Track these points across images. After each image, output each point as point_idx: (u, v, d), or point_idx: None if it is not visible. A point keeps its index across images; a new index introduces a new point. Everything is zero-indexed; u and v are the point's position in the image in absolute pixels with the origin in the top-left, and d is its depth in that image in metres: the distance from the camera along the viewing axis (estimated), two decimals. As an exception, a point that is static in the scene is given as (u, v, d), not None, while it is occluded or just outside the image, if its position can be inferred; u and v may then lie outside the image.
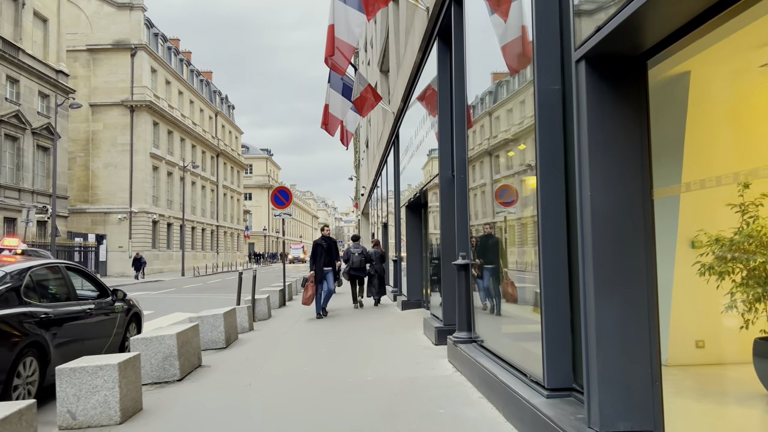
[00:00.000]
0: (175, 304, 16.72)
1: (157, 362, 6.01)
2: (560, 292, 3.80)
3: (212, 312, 8.34)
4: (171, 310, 14.46)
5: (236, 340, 8.81)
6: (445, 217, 7.50)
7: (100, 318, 6.82)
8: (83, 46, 40.02)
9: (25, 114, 29.84)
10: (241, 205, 68.95)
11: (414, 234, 12.13)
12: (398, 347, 7.63)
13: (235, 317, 9.02)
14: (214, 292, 20.98)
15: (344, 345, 8.03)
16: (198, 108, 53.48)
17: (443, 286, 7.54)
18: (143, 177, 40.36)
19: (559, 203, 3.83)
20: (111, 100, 39.97)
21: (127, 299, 7.74)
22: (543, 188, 3.86)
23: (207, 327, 8.14)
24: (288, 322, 11.06)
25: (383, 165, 18.57)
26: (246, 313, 10.03)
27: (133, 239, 39.96)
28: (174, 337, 6.07)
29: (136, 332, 8.00)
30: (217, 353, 7.75)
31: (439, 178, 7.63)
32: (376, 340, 8.28)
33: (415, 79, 9.99)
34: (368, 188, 29.95)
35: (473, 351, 5.63)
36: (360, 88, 12.78)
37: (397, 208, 13.88)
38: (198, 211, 51.74)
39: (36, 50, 31.42)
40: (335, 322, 10.72)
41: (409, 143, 11.25)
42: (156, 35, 44.65)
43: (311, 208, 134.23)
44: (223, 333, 8.18)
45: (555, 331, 3.78)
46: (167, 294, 21.29)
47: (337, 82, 13.79)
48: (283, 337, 9.04)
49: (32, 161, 30.79)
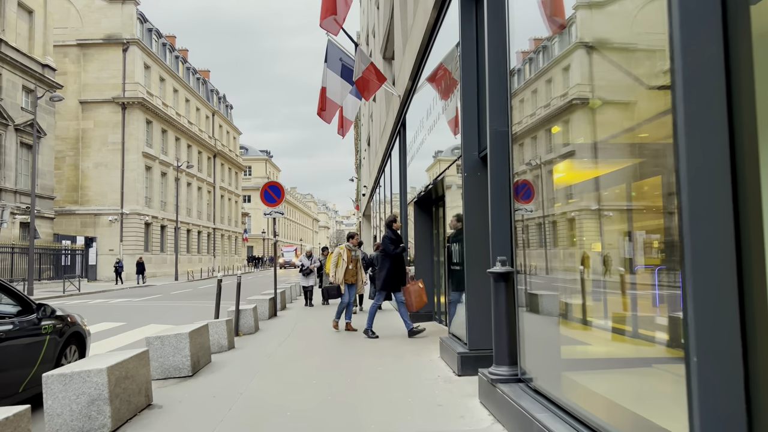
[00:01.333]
0: (155, 313, 15.04)
1: (79, 409, 4.33)
2: (725, 310, 2.13)
3: (175, 331, 6.65)
4: (147, 321, 12.78)
5: (208, 365, 7.13)
6: (473, 210, 5.83)
7: (17, 342, 5.15)
8: (73, 41, 38.49)
9: (8, 109, 28.23)
10: (239, 207, 67.28)
11: (424, 234, 10.45)
12: (410, 378, 5.93)
13: (207, 335, 7.33)
14: (203, 299, 19.29)
15: (341, 374, 6.33)
16: (194, 107, 51.89)
17: (469, 298, 5.86)
18: (135, 177, 38.72)
19: (723, 172, 2.16)
20: (102, 97, 38.39)
21: (63, 315, 6.06)
22: (690, 154, 2.19)
23: (168, 350, 6.46)
24: (276, 337, 9.38)
25: (387, 159, 16.89)
26: (225, 328, 8.36)
27: (125, 242, 38.31)
28: (104, 373, 4.39)
29: (77, 357, 6.33)
30: (178, 384, 6.06)
31: (462, 161, 5.96)
32: (382, 367, 6.59)
33: (427, 49, 8.33)
34: (370, 187, 28.28)
35: (522, 397, 3.95)
36: (362, 66, 11.13)
37: (403, 206, 12.20)
38: (194, 213, 50.08)
39: (20, 43, 29.84)
40: (331, 338, 9.03)
41: (418, 128, 9.58)
42: (150, 30, 43.09)
43: (312, 211, 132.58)
44: (188, 357, 6.49)
45: (713, 376, 2.10)
46: (150, 301, 19.60)
47: (336, 63, 12.16)
48: (267, 360, 7.34)
49: (15, 159, 29.15)
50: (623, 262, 2.89)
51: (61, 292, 24.10)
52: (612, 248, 3.04)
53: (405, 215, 12.14)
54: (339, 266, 9.81)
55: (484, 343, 5.80)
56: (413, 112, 10.53)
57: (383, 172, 18.82)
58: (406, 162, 11.96)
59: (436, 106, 7.79)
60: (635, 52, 2.76)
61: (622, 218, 2.99)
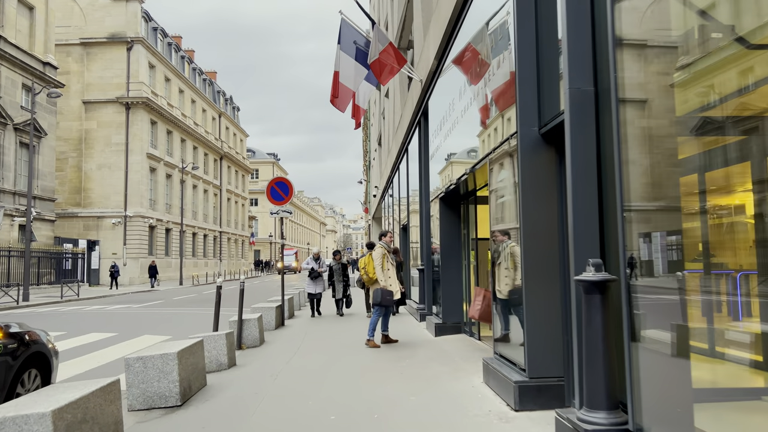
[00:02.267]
0: (152, 322, 13.88)
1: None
2: None
3: (162, 349, 5.45)
4: (142, 331, 11.59)
5: (202, 390, 5.92)
6: (532, 201, 4.60)
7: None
8: (76, 40, 37.58)
9: (6, 108, 27.26)
10: (246, 210, 66.24)
11: (451, 234, 9.21)
12: (455, 414, 4.69)
13: (201, 354, 6.13)
14: (207, 306, 18.10)
15: (366, 407, 5.10)
16: (200, 108, 50.92)
17: (529, 313, 4.62)
18: (139, 179, 37.69)
19: None
20: (105, 97, 37.42)
21: (18, 333, 4.88)
22: None
23: (152, 374, 5.26)
24: (284, 352, 8.17)
25: (402, 156, 15.68)
26: (224, 342, 7.16)
27: (128, 245, 37.28)
28: (47, 420, 3.18)
29: (39, 384, 5.14)
30: (162, 419, 4.86)
31: (518, 139, 4.73)
32: (415, 397, 5.34)
33: (460, 16, 7.11)
34: (381, 188, 27.06)
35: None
36: (379, 47, 9.94)
37: (424, 203, 10.97)
38: (200, 216, 49.04)
39: (20, 39, 28.90)
40: (347, 354, 7.81)
41: (447, 112, 8.36)
42: (155, 29, 42.16)
43: (319, 214, 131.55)
44: (176, 383, 5.29)
45: None
46: (150, 308, 18.45)
47: (350, 45, 10.96)
48: (273, 383, 6.13)
49: (14, 160, 28.16)
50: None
51: (58, 298, 23.02)
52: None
53: (426, 213, 10.91)
54: (386, 268, 8.48)
55: (548, 369, 4.57)
56: (439, 97, 9.31)
57: (397, 170, 17.61)
58: (428, 154, 10.74)
59: (471, 84, 6.54)
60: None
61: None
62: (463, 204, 8.97)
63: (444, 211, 9.28)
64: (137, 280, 37.05)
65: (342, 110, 11.07)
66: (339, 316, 12.87)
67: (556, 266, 4.63)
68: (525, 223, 4.65)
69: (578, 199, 3.60)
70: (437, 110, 9.49)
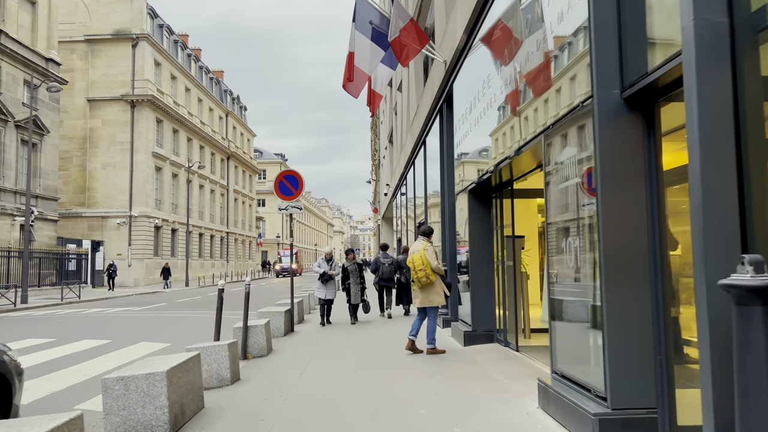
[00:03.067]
0: (153, 327, 12.96)
1: None
2: None
3: (147, 368, 4.48)
4: (139, 338, 10.66)
5: (198, 414, 4.95)
6: (614, 180, 3.60)
7: None
8: (81, 37, 36.89)
9: (7, 104, 26.51)
10: (254, 211, 65.44)
11: (481, 231, 8.19)
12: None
13: (198, 370, 5.16)
14: (210, 309, 17.14)
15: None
16: (207, 107, 50.15)
17: (610, 325, 3.61)
18: (145, 178, 36.91)
19: None
20: (110, 95, 36.70)
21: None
22: None
23: (135, 398, 4.29)
24: (295, 364, 7.19)
25: (418, 149, 14.69)
26: (227, 354, 6.19)
27: (133, 246, 36.50)
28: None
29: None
30: (145, 456, 3.89)
31: (595, 105, 3.74)
32: (459, 429, 4.34)
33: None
34: (393, 186, 26.08)
35: None
36: (399, 24, 8.98)
37: (448, 197, 9.96)
38: (206, 217, 48.25)
39: (22, 35, 28.17)
40: (366, 365, 6.82)
41: (480, 91, 7.35)
42: (161, 26, 41.41)
43: (326, 215, 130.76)
44: (164, 409, 4.31)
45: None
46: (152, 311, 17.54)
47: (365, 25, 10.00)
48: (283, 405, 5.15)
49: (15, 158, 27.42)
50: None
51: (59, 300, 22.19)
52: None
53: (450, 208, 9.91)
54: (440, 260, 7.69)
55: (637, 398, 3.57)
56: (468, 77, 8.31)
57: (413, 165, 16.62)
58: (452, 143, 9.74)
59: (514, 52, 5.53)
60: None
61: None
62: (495, 197, 7.96)
63: (474, 205, 8.27)
64: (142, 282, 36.27)
65: (356, 96, 10.10)
66: (354, 324, 11.67)
67: (646, 264, 3.63)
68: (604, 209, 3.65)
69: (708, 170, 2.59)
70: (465, 92, 8.49)
